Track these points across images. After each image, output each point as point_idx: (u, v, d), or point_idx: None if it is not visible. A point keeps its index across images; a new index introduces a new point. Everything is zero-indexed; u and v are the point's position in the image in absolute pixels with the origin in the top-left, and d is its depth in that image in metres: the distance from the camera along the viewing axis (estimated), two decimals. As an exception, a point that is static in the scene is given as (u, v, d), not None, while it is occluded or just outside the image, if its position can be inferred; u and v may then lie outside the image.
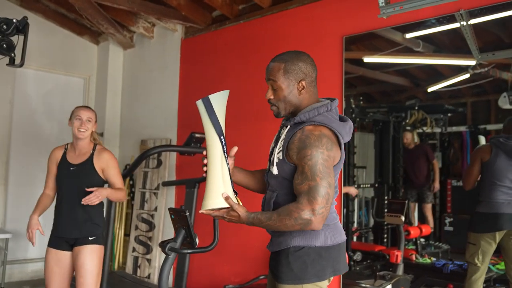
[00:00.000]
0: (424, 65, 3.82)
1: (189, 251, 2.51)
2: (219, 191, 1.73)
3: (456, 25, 2.91)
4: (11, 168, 4.89)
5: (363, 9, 3.15)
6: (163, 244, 2.39)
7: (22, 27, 2.73)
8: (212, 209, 1.75)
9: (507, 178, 2.92)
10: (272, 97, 1.82)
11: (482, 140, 3.59)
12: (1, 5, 4.69)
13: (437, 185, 4.14)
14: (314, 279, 1.71)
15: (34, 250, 5.10)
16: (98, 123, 5.31)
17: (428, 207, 4.18)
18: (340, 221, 3.26)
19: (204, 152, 1.84)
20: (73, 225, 2.85)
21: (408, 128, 4.30)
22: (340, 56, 3.32)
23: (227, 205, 1.73)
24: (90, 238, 2.84)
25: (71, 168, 2.86)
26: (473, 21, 2.85)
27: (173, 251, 2.39)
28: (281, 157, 1.75)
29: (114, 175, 2.88)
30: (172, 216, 2.42)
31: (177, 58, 4.72)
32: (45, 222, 3.08)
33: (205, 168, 1.81)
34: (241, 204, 1.76)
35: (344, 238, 1.84)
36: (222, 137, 1.78)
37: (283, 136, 1.80)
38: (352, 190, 3.80)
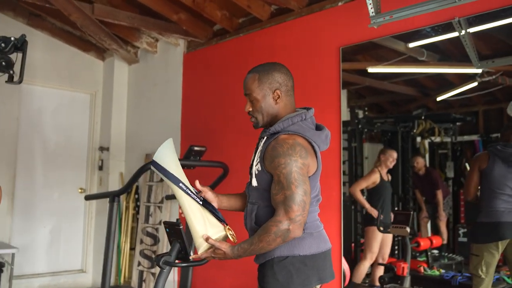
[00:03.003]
0: (432, 74, 3.80)
1: (183, 264, 2.50)
2: (198, 235, 1.78)
3: (454, 33, 2.89)
4: (17, 183, 4.96)
5: (358, 20, 3.15)
6: (158, 258, 2.39)
7: (21, 45, 2.76)
8: (200, 253, 1.79)
9: (507, 186, 2.86)
10: (250, 109, 1.86)
11: None
12: (9, 24, 4.81)
13: (441, 216, 4.07)
14: None
15: (41, 264, 5.15)
16: (104, 138, 5.48)
17: (443, 222, 4.12)
18: (339, 231, 3.25)
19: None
20: None
21: (418, 140, 4.26)
22: (337, 66, 3.31)
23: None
24: None
25: None
26: (471, 29, 2.83)
27: (167, 264, 2.38)
28: (260, 168, 1.77)
29: None
30: (167, 230, 2.41)
31: (179, 72, 4.76)
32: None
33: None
34: (231, 233, 1.79)
35: (329, 246, 1.83)
36: (180, 184, 1.81)
37: (260, 148, 1.82)
38: (374, 212, 3.83)
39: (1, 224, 4.73)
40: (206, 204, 1.83)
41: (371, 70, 3.76)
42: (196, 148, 3.44)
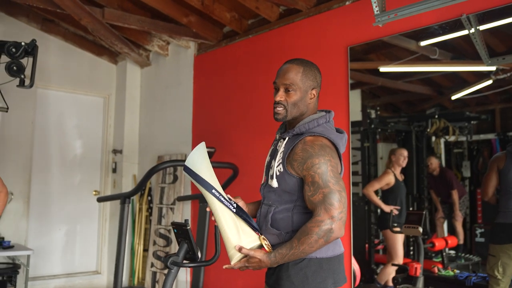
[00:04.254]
0: (446, 73, 3.75)
1: (191, 265, 2.51)
2: (231, 245, 1.71)
3: (464, 31, 2.85)
4: (33, 186, 5.04)
5: (365, 19, 3.13)
6: (166, 258, 2.40)
7: (31, 50, 2.82)
8: (233, 263, 1.72)
9: None
10: (283, 99, 1.77)
11: None
12: (23, 30, 4.90)
13: (457, 216, 4.01)
14: None
15: (56, 266, 5.23)
16: (117, 141, 5.54)
17: (459, 222, 4.07)
18: (349, 232, 3.22)
19: (207, 209, 1.82)
20: None
21: (432, 139, 4.21)
22: (345, 66, 3.30)
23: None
24: None
25: None
26: (481, 26, 2.79)
27: (175, 265, 2.40)
28: (281, 170, 1.73)
29: None
30: (175, 230, 2.43)
31: (190, 74, 4.79)
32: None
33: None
34: (266, 243, 1.72)
35: (343, 249, 1.81)
36: (213, 190, 1.73)
37: (281, 149, 1.78)
38: (393, 209, 3.80)
39: (17, 226, 4.82)
40: (240, 212, 1.75)
41: (382, 69, 3.73)
42: (207, 150, 3.45)
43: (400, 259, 3.70)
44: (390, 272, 3.70)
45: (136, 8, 4.34)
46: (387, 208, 3.74)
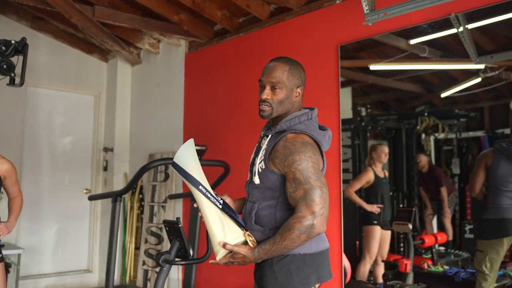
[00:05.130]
0: (435, 71, 3.79)
1: (182, 262, 2.53)
2: (216, 241, 1.73)
3: (453, 29, 2.89)
4: (23, 185, 5.00)
5: (355, 18, 3.15)
6: (158, 256, 2.42)
7: (21, 48, 2.80)
8: (219, 259, 1.74)
9: (511, 183, 2.87)
10: (269, 97, 1.79)
11: None
12: (13, 27, 4.86)
13: (446, 213, 4.06)
14: (299, 287, 1.70)
15: (47, 265, 5.21)
16: (108, 139, 5.52)
17: (448, 218, 4.11)
18: (339, 229, 3.25)
19: (195, 205, 1.83)
20: None
21: (422, 137, 4.24)
22: (336, 64, 3.32)
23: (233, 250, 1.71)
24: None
25: None
26: (469, 25, 2.82)
27: (167, 262, 2.42)
28: (263, 167, 1.76)
29: (13, 184, 2.85)
30: (167, 228, 2.44)
31: (181, 72, 4.79)
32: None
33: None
34: (251, 239, 1.73)
35: (328, 245, 1.83)
36: (200, 187, 1.75)
37: (264, 146, 1.80)
38: (375, 208, 3.80)
39: (7, 225, 4.78)
40: (226, 208, 1.76)
41: (372, 67, 3.76)
42: (196, 148, 3.46)
43: (372, 255, 3.71)
44: (366, 269, 3.72)
45: (127, 6, 4.33)
46: (369, 208, 3.74)
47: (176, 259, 2.46)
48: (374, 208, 3.75)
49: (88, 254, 5.53)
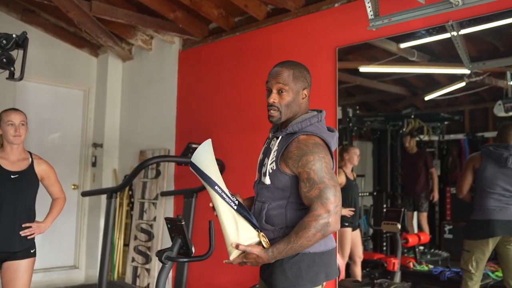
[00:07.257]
0: (421, 74, 3.88)
1: (185, 259, 2.55)
2: (229, 241, 1.75)
3: (447, 35, 2.98)
4: (11, 179, 4.93)
5: (354, 21, 3.21)
6: (160, 253, 2.43)
7: (22, 42, 2.78)
8: (232, 259, 1.76)
9: (498, 185, 2.97)
10: (276, 101, 1.82)
11: None
12: (2, 20, 4.78)
13: (436, 194, 4.17)
14: (308, 285, 1.74)
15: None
16: (97, 135, 5.47)
17: (424, 216, 4.20)
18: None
19: (210, 204, 1.85)
20: (14, 236, 2.71)
21: (407, 138, 4.34)
22: (334, 66, 3.38)
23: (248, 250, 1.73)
24: (31, 251, 2.80)
25: (12, 176, 2.74)
26: (463, 31, 2.92)
27: (169, 260, 2.43)
28: (274, 167, 1.79)
29: (54, 183, 2.89)
30: (169, 226, 2.46)
31: (174, 69, 4.79)
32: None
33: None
34: (265, 240, 1.75)
35: (335, 244, 1.88)
36: (216, 187, 1.77)
37: (275, 147, 1.83)
38: (348, 212, 3.83)
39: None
40: (241, 209, 1.78)
41: (362, 69, 3.82)
42: (194, 146, 3.49)
43: (346, 256, 3.75)
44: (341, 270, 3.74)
45: (123, 2, 4.31)
46: (345, 212, 3.76)
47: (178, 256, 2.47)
48: (346, 212, 3.77)
49: (75, 250, 5.48)
